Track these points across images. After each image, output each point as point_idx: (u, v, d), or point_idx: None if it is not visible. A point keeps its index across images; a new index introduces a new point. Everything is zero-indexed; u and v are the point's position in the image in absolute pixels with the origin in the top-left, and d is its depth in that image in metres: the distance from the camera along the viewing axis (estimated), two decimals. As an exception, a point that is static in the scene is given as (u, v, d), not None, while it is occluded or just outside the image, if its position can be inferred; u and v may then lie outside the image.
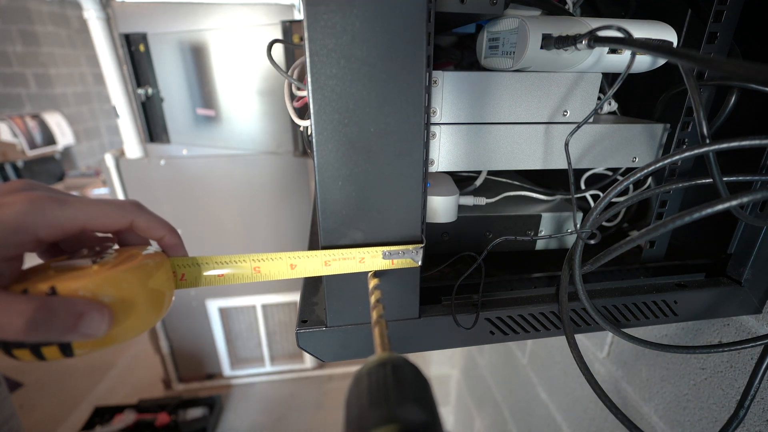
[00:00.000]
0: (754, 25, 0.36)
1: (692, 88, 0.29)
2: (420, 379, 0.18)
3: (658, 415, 0.53)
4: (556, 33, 0.31)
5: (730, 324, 0.43)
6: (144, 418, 1.43)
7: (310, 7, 0.22)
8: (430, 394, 0.17)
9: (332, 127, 0.25)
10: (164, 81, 1.22)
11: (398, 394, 0.16)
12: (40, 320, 0.20)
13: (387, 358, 0.19)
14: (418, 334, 0.34)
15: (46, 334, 0.20)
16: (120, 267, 0.23)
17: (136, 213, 0.26)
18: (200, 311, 1.49)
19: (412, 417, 0.15)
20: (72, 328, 0.20)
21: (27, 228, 0.21)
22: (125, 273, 0.23)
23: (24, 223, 0.21)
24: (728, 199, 0.24)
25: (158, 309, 0.25)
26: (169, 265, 0.27)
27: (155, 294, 0.24)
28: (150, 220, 0.26)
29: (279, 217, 1.39)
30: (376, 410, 0.15)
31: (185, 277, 0.27)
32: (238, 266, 0.28)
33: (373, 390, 0.17)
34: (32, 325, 0.19)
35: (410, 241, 0.29)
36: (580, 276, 0.33)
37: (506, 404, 1.01)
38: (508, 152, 0.36)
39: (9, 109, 2.73)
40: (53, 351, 0.21)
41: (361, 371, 0.18)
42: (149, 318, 0.24)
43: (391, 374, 0.17)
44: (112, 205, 0.25)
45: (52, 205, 0.22)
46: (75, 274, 0.22)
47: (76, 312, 0.20)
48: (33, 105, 2.89)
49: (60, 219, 0.22)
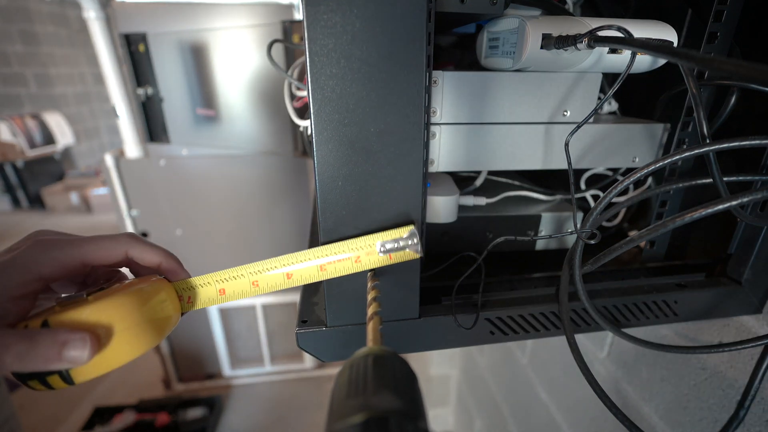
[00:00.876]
0: (754, 25, 0.36)
1: (692, 88, 0.29)
2: (401, 368, 0.18)
3: (658, 415, 0.53)
4: (556, 33, 0.31)
5: (730, 324, 0.43)
6: (144, 418, 1.43)
7: (310, 7, 0.22)
8: (410, 383, 0.17)
9: (332, 127, 0.25)
10: (164, 81, 1.22)
11: (375, 383, 0.16)
12: (23, 351, 0.21)
13: (370, 351, 0.19)
14: (418, 334, 0.34)
15: (33, 363, 0.21)
16: (109, 296, 0.24)
17: (129, 244, 0.27)
18: (200, 311, 1.49)
19: (387, 404, 0.15)
20: (57, 356, 0.22)
21: (30, 268, 0.23)
22: (110, 301, 0.24)
23: (25, 263, 0.23)
24: (728, 199, 0.24)
25: (159, 331, 0.26)
26: (170, 290, 0.27)
27: (151, 318, 0.25)
28: (144, 250, 0.27)
29: (279, 217, 1.39)
30: (353, 400, 0.15)
31: (191, 299, 0.28)
32: (237, 281, 0.28)
33: (352, 381, 0.17)
34: (18, 356, 0.21)
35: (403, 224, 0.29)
36: (580, 276, 0.33)
37: (506, 404, 1.01)
38: (508, 152, 0.36)
39: (9, 109, 2.73)
40: (56, 380, 0.23)
41: (345, 364, 0.18)
42: (147, 340, 0.25)
43: (372, 365, 0.17)
44: (107, 239, 0.26)
45: (53, 246, 0.24)
46: (71, 306, 0.23)
47: (59, 341, 0.22)
48: (33, 105, 2.89)
49: (60, 257, 0.24)
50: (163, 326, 0.26)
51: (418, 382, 0.18)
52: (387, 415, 0.14)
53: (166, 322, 0.26)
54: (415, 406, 0.16)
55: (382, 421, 0.14)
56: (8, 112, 2.65)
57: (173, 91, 1.22)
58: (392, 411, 0.15)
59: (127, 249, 0.27)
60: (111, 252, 0.26)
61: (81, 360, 0.22)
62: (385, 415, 0.14)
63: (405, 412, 0.15)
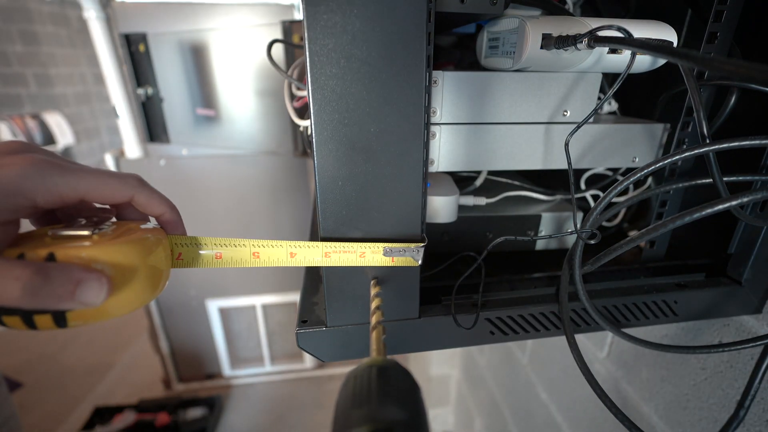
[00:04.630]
0: (754, 25, 0.36)
1: (692, 88, 0.29)
2: (406, 381, 0.18)
3: (658, 415, 0.53)
4: (556, 33, 0.31)
5: (730, 324, 0.43)
6: (144, 418, 1.43)
7: (310, 7, 0.22)
8: (414, 395, 0.17)
9: (332, 127, 0.25)
10: (164, 81, 1.22)
11: (380, 395, 0.16)
12: (37, 286, 0.19)
13: (374, 362, 0.19)
14: (418, 334, 0.34)
15: (43, 300, 0.19)
16: (120, 239, 0.22)
17: (137, 187, 0.25)
18: (200, 311, 1.49)
19: (392, 416, 0.15)
20: (69, 295, 0.20)
21: (25, 192, 0.20)
22: (125, 245, 0.22)
23: (22, 187, 0.20)
24: (728, 199, 0.24)
25: (154, 286, 0.24)
26: (168, 243, 0.26)
27: (153, 270, 0.24)
28: (151, 196, 0.26)
29: (279, 217, 1.39)
30: (358, 411, 0.16)
31: (182, 256, 0.27)
32: (237, 249, 0.27)
33: (356, 392, 0.17)
34: (29, 291, 0.19)
35: (411, 240, 0.29)
36: (580, 276, 0.33)
37: (506, 404, 1.01)
38: (508, 152, 0.36)
39: (9, 109, 2.72)
40: (46, 320, 0.21)
41: (349, 374, 0.18)
42: (145, 294, 0.23)
43: (376, 376, 0.18)
44: (114, 178, 0.24)
45: (52, 170, 0.21)
46: (74, 242, 0.21)
47: (74, 279, 0.20)
48: (33, 105, 2.89)
49: (60, 186, 0.21)
50: (162, 280, 0.25)
51: (422, 393, 0.18)
52: (392, 427, 0.15)
53: (165, 277, 0.25)
54: (418, 418, 0.16)
55: None
56: (8, 112, 2.65)
57: (173, 91, 1.23)
58: (397, 423, 0.15)
59: (135, 193, 0.25)
60: (116, 193, 0.24)
61: (95, 302, 0.20)
62: (390, 427, 0.15)
63: (409, 424, 0.15)
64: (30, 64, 2.81)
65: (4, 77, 2.67)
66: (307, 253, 0.28)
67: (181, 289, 1.46)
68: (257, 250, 0.27)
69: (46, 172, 0.21)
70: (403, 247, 0.29)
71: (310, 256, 0.28)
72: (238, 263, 0.28)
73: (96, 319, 0.22)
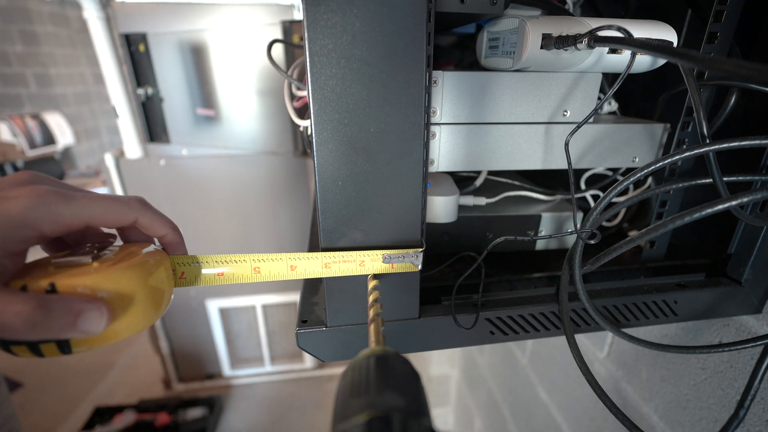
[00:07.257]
0: (754, 25, 0.36)
1: (692, 88, 0.29)
2: (404, 367, 0.18)
3: (658, 415, 0.53)
4: (556, 33, 0.31)
5: (730, 324, 0.43)
6: (144, 418, 1.43)
7: (310, 7, 0.22)
8: (413, 382, 0.17)
9: (332, 127, 0.25)
10: (164, 81, 1.22)
11: (378, 383, 0.16)
12: (38, 320, 0.19)
13: (372, 351, 0.19)
14: (418, 334, 0.34)
15: (46, 332, 0.20)
16: (120, 264, 0.23)
17: (140, 211, 0.25)
18: (200, 311, 1.49)
19: (390, 403, 0.15)
20: (70, 326, 0.20)
21: (32, 223, 0.21)
22: (125, 270, 0.22)
23: (29, 218, 0.21)
24: (728, 199, 0.24)
25: (157, 307, 0.25)
26: (169, 263, 0.27)
27: (154, 292, 0.24)
28: (154, 218, 0.26)
29: (279, 217, 1.39)
30: (356, 400, 0.16)
31: (185, 275, 0.27)
32: (238, 266, 0.28)
33: (355, 381, 0.17)
34: (30, 324, 0.19)
35: (410, 245, 0.29)
36: (580, 276, 0.33)
37: (506, 404, 1.01)
38: (508, 152, 0.36)
39: (9, 109, 2.73)
40: (51, 348, 0.21)
41: (347, 366, 0.18)
42: (148, 315, 0.24)
43: (374, 365, 0.17)
44: (117, 203, 0.24)
45: (57, 200, 0.22)
46: (75, 270, 0.22)
47: (75, 310, 0.20)
48: (33, 105, 2.89)
49: (65, 216, 0.22)
50: (165, 300, 0.25)
51: (422, 380, 0.18)
52: (390, 413, 0.15)
53: (168, 297, 0.26)
54: (418, 403, 0.16)
55: (386, 419, 0.14)
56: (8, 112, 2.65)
57: (173, 91, 1.23)
58: (395, 409, 0.15)
59: (138, 216, 0.25)
60: (120, 217, 0.24)
61: (96, 331, 0.21)
62: (389, 414, 0.14)
63: (408, 409, 0.15)
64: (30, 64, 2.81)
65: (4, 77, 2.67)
66: (307, 265, 0.28)
67: (181, 290, 1.46)
68: (258, 265, 0.28)
69: (51, 203, 0.21)
70: (402, 253, 0.29)
71: (311, 267, 0.28)
72: (239, 279, 0.28)
73: (101, 344, 0.22)
